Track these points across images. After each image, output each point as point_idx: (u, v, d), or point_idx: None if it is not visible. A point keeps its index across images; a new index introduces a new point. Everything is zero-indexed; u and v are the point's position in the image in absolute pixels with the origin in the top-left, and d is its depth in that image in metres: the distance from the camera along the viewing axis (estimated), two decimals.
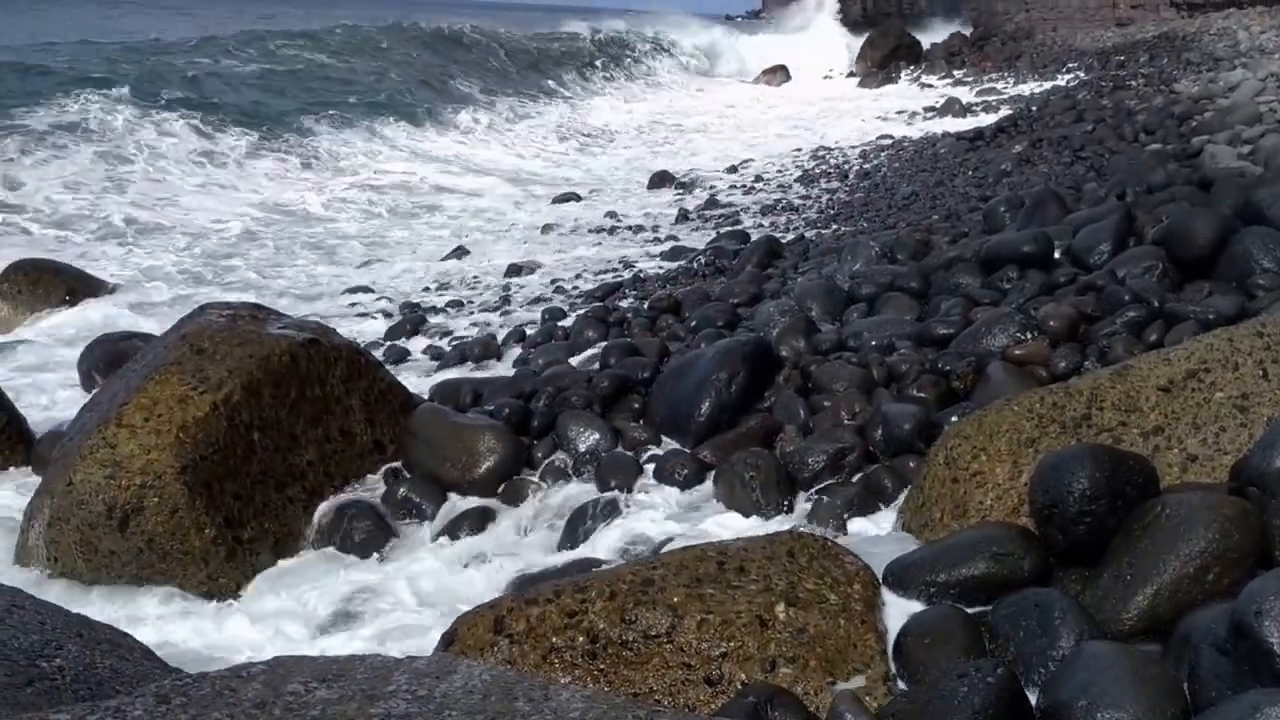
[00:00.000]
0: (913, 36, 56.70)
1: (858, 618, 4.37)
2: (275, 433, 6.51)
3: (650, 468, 6.65)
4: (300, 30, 41.74)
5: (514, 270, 14.82)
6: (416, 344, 11.17)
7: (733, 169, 24.99)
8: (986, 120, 27.51)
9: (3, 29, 46.15)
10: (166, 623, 5.86)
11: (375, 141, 26.73)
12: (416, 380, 9.07)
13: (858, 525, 5.78)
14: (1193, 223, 7.60)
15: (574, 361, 8.94)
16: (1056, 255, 8.48)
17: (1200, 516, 4.18)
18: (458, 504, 6.68)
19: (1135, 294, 7.11)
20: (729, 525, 5.91)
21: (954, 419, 6.15)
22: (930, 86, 45.70)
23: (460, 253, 16.48)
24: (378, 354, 9.71)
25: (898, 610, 4.54)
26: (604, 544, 5.91)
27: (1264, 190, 7.74)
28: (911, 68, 51.51)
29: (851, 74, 52.58)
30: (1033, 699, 3.80)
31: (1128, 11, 58.81)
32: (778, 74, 52.26)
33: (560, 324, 10.67)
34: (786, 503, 6.07)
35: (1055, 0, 64.88)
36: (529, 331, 10.71)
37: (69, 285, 12.75)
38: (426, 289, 14.18)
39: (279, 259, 16.37)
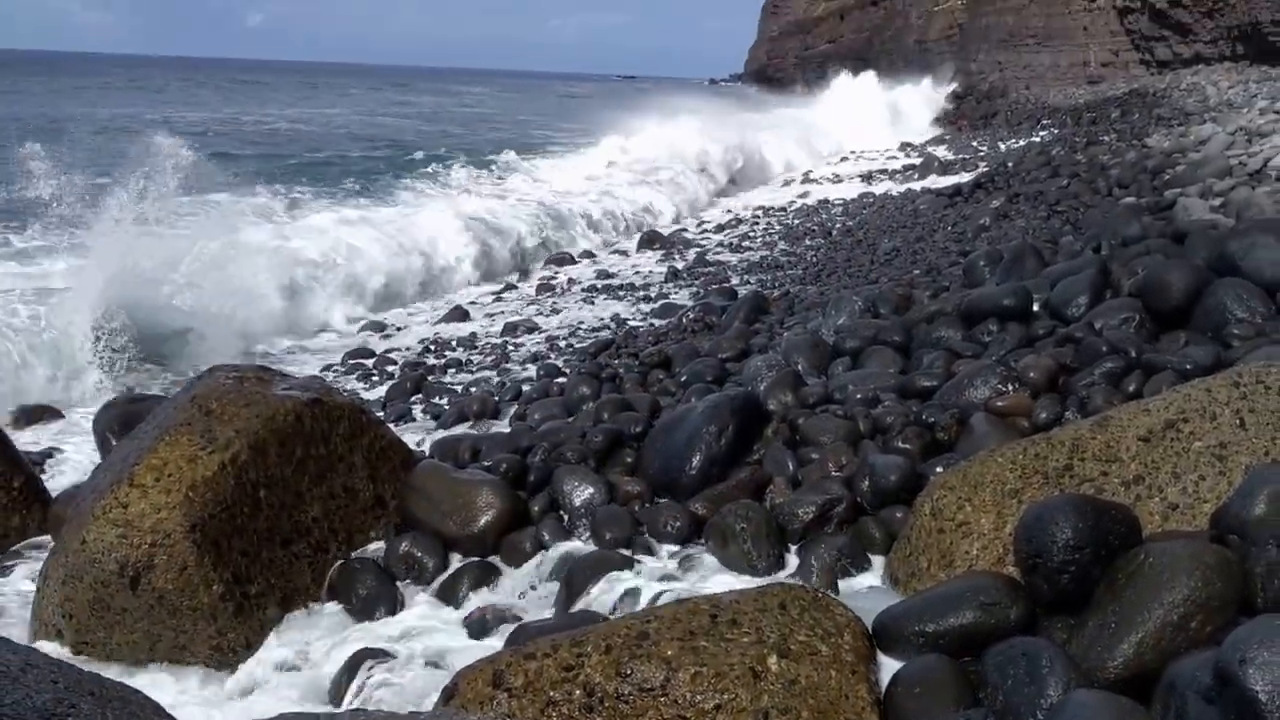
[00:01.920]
0: None
1: (849, 669, 4.33)
2: (281, 490, 6.47)
3: (644, 521, 6.61)
4: None
5: (510, 329, 14.83)
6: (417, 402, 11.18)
7: (720, 228, 25.13)
8: (965, 177, 27.65)
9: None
10: (177, 680, 5.84)
11: None
12: (417, 438, 9.05)
13: (848, 576, 5.74)
14: (1168, 275, 7.61)
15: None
16: (1035, 308, 8.48)
17: (1182, 565, 4.15)
18: (458, 559, 6.64)
19: (1113, 345, 7.10)
20: (722, 579, 5.87)
21: (939, 470, 6.14)
22: (910, 145, 46.03)
23: (460, 314, 16.52)
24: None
25: (888, 661, 4.51)
26: (599, 598, 5.87)
27: (1236, 242, 7.76)
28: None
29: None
30: None
31: (1098, 69, 59.32)
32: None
33: (555, 380, 10.66)
34: (777, 554, 6.03)
35: (1028, 59, 65.53)
36: (525, 389, 10.70)
37: None
38: (427, 349, 14.18)
39: None
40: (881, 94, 63.02)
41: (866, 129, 51.49)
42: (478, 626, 5.92)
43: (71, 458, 9.73)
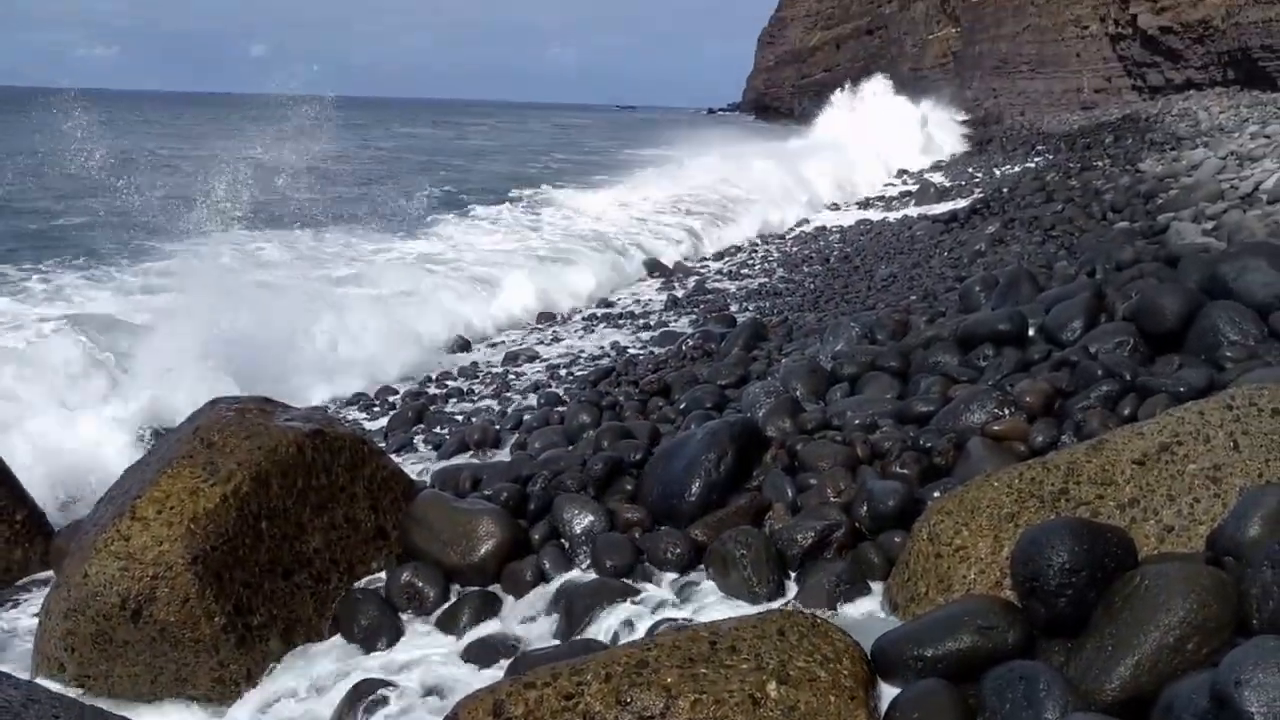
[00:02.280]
0: None
1: (848, 694, 4.31)
2: (283, 522, 6.44)
3: (644, 548, 6.59)
4: None
5: (511, 358, 14.83)
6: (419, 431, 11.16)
7: (719, 255, 25.16)
8: (961, 203, 27.70)
9: None
10: (179, 713, 5.81)
11: None
12: (418, 467, 9.04)
13: (847, 601, 5.72)
14: (1161, 298, 7.61)
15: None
16: (1031, 332, 8.48)
17: (1178, 587, 4.14)
18: (459, 589, 6.62)
19: (1108, 369, 7.10)
20: (722, 608, 5.85)
21: (936, 495, 6.14)
22: (906, 171, 46.11)
23: (462, 344, 16.51)
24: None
25: (888, 687, 4.49)
26: (600, 625, 5.85)
27: (1228, 265, 7.77)
28: None
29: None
30: None
31: (1092, 95, 59.50)
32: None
33: (556, 409, 10.65)
34: (777, 580, 6.01)
35: (1022, 86, 65.76)
36: (526, 417, 10.69)
37: None
38: (429, 378, 14.17)
39: None
40: (912, 110, 60.56)
41: (901, 148, 50.52)
42: (479, 656, 5.90)
43: None
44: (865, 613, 5.60)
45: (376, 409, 12.69)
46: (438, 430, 11.07)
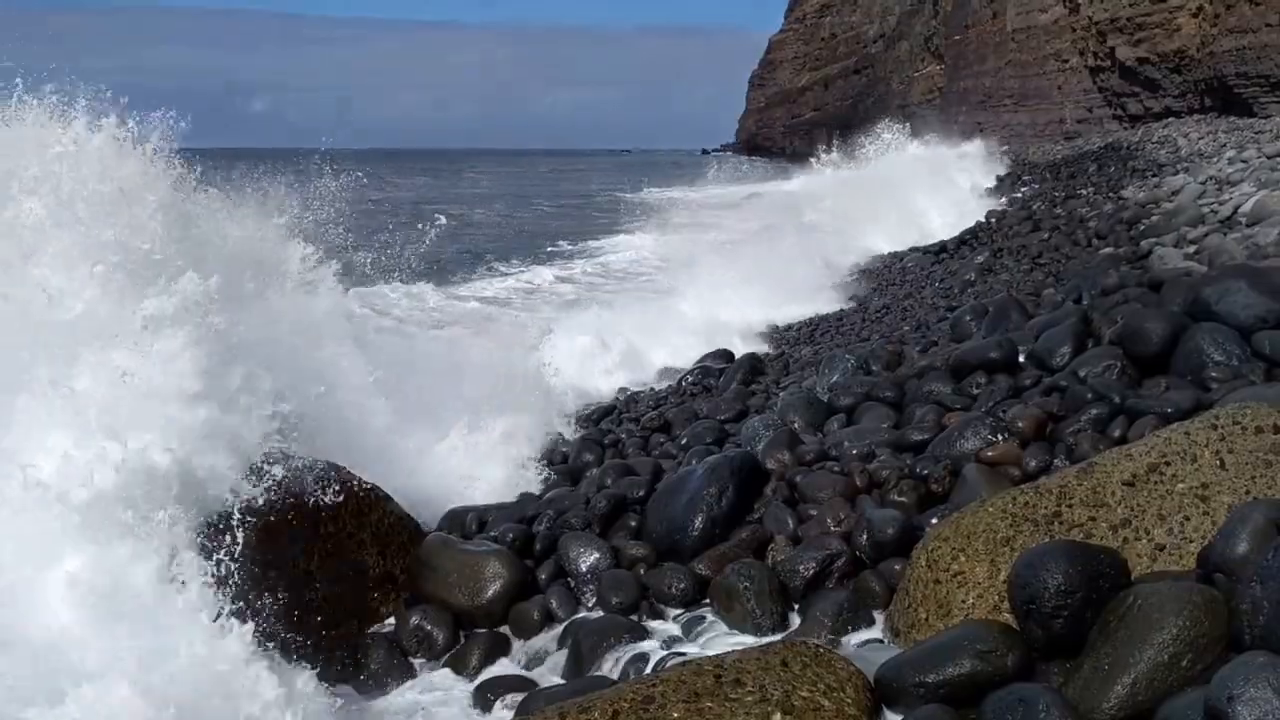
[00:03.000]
0: None
1: None
2: (291, 570, 6.43)
3: (649, 584, 6.57)
4: None
5: None
6: None
7: None
8: (949, 233, 27.68)
9: None
10: None
11: None
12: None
13: (850, 630, 5.71)
14: (1147, 322, 7.64)
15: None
16: (1021, 359, 8.50)
17: (1170, 605, 4.15)
18: (468, 631, 6.60)
19: (1097, 392, 7.11)
20: (728, 641, 5.83)
21: (934, 521, 6.13)
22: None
23: None
24: None
25: (891, 715, 4.48)
26: (608, 663, 5.83)
27: (1211, 288, 7.79)
28: None
29: None
30: None
31: (1074, 125, 59.68)
32: None
33: (560, 449, 10.62)
34: (780, 611, 6.00)
35: (1006, 119, 65.97)
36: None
37: None
38: None
39: None
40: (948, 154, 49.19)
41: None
42: (489, 696, 5.88)
43: None
44: (868, 641, 5.59)
45: None
46: None
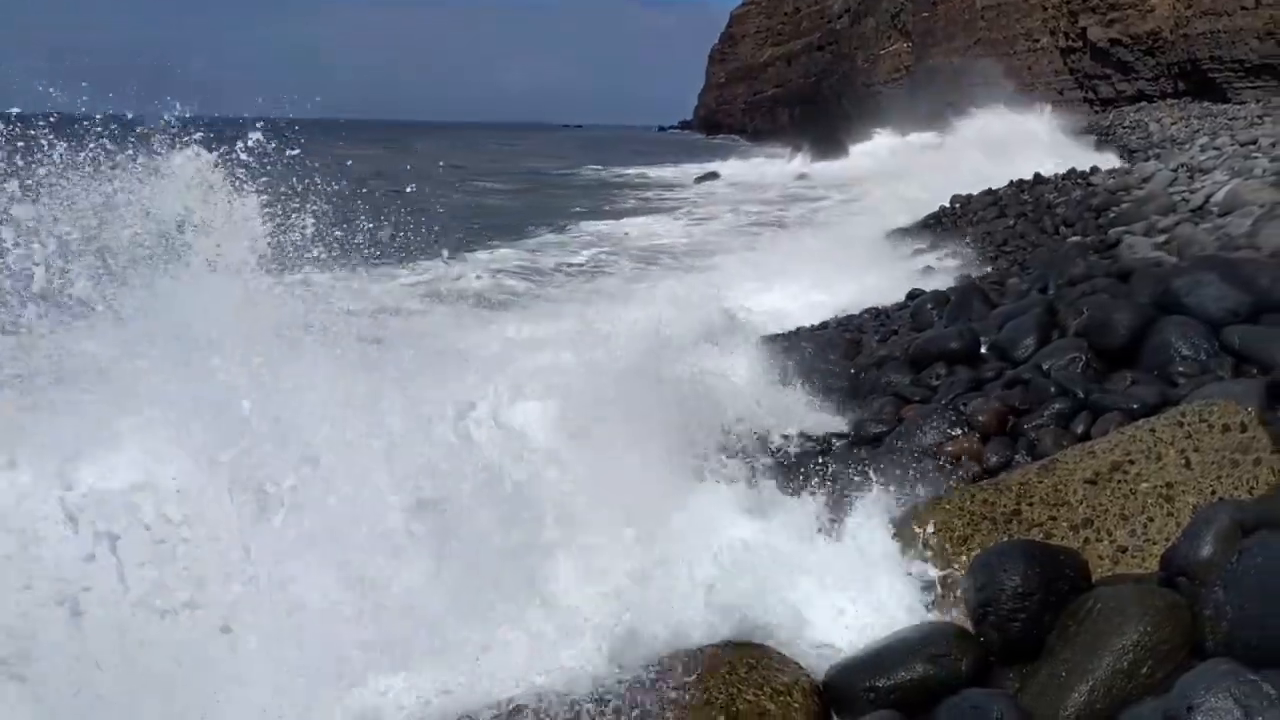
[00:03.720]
0: None
1: None
2: None
3: None
4: None
5: None
6: None
7: None
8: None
9: None
10: None
11: None
12: None
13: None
14: (1114, 314, 7.61)
15: None
16: (983, 350, 8.47)
17: (1131, 610, 4.11)
18: None
19: (1061, 386, 7.09)
20: None
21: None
22: None
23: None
24: None
25: (840, 719, 4.43)
26: None
27: (1181, 280, 7.77)
28: None
29: None
30: None
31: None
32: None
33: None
34: None
35: (975, 99, 66.02)
36: None
37: None
38: None
39: None
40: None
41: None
42: None
43: None
44: (819, 642, 5.52)
45: None
46: None
